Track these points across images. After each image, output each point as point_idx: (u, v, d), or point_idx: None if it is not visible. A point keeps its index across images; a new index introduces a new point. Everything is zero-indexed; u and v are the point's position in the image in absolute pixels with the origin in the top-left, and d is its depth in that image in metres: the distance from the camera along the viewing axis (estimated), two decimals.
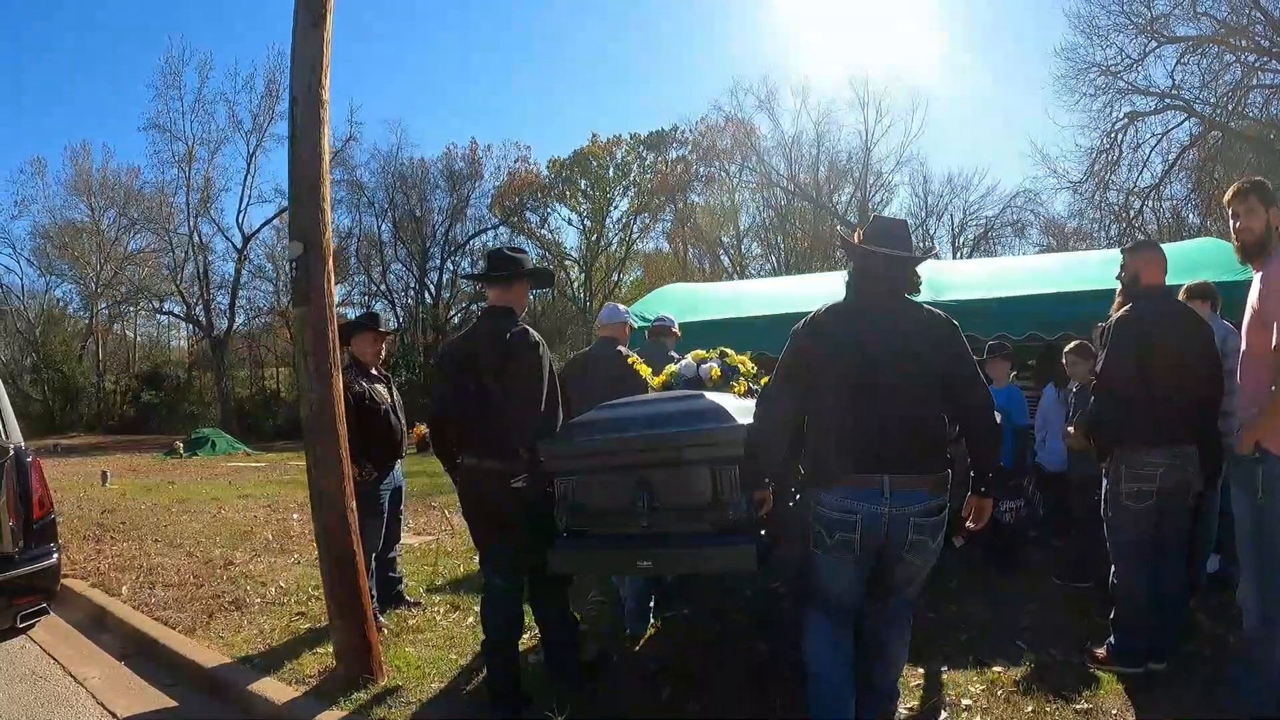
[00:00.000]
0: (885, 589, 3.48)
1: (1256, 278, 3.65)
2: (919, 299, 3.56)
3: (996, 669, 4.39)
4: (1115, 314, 4.38)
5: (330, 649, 4.73)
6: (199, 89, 40.06)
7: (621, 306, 6.00)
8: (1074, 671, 4.37)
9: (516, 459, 3.89)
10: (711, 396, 3.86)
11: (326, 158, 4.46)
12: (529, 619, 4.43)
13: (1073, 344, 6.20)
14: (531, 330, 4.10)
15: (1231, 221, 3.76)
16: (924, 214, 40.03)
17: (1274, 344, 3.40)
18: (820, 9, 54.63)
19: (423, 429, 22.83)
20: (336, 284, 4.01)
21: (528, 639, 4.70)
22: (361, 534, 5.17)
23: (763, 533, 3.63)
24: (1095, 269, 8.44)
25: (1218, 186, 23.83)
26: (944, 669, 4.44)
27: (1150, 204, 27.61)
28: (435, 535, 9.16)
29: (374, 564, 5.49)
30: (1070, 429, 5.97)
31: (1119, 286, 4.56)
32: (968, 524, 3.51)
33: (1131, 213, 27.55)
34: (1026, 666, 4.43)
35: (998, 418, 3.65)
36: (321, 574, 4.47)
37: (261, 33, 63.27)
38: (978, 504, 3.46)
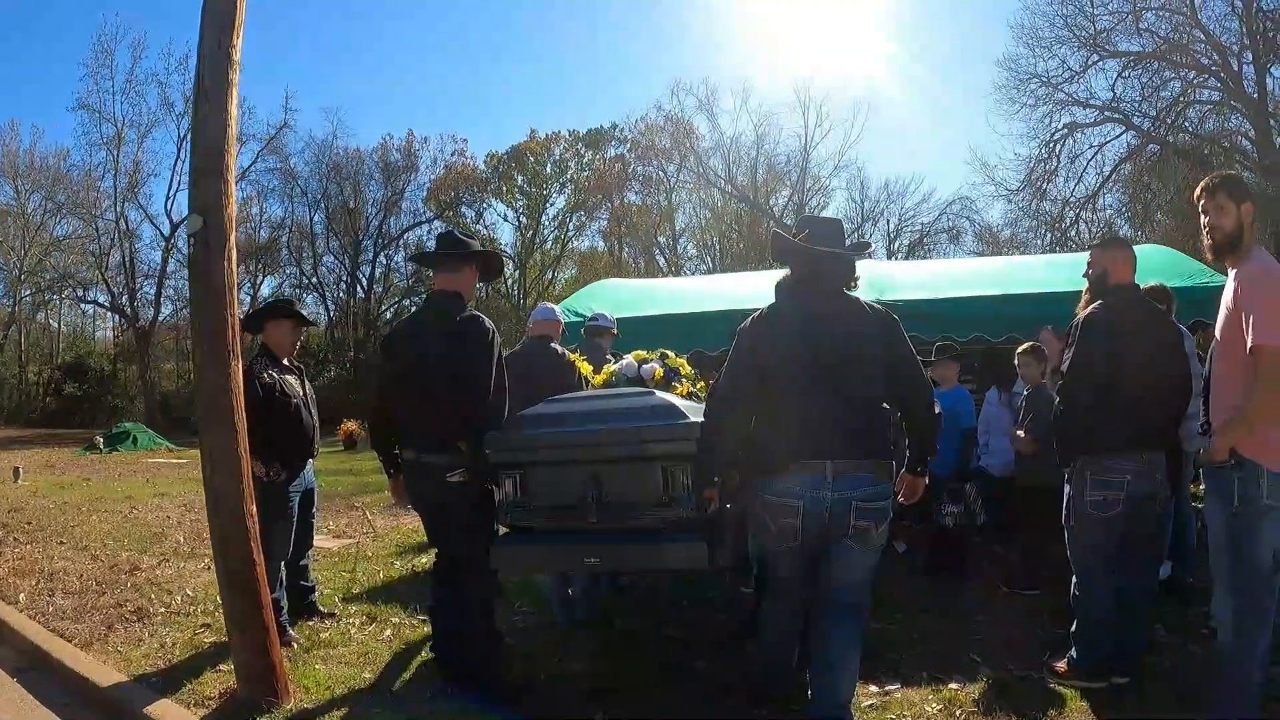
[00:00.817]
0: (828, 583, 3.44)
1: (1231, 275, 3.44)
2: (861, 297, 3.63)
3: (953, 686, 4.13)
4: (1083, 313, 4.15)
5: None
6: (131, 69, 38.52)
7: (554, 306, 5.92)
8: (1034, 687, 4.14)
9: (455, 452, 3.81)
10: (662, 394, 3.86)
11: (234, 124, 4.04)
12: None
13: (1026, 346, 5.99)
14: (483, 317, 3.97)
15: (1201, 218, 3.56)
16: (860, 219, 40.34)
17: (1249, 345, 3.19)
18: (764, 12, 54.79)
19: (350, 425, 22.30)
20: (267, 276, 3.60)
21: None
22: (269, 540, 4.80)
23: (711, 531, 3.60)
24: (1040, 272, 8.39)
25: (1153, 199, 24.35)
26: (896, 686, 4.16)
27: (1084, 214, 28.02)
28: (356, 538, 8.66)
29: (283, 573, 5.06)
30: (1020, 433, 5.79)
31: (1085, 285, 4.34)
32: (899, 497, 3.58)
33: (1066, 223, 27.94)
34: (984, 683, 4.19)
35: (937, 407, 3.71)
36: (219, 586, 4.03)
37: (198, 11, 60.84)
38: (910, 481, 3.62)
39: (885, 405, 3.53)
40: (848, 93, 63.02)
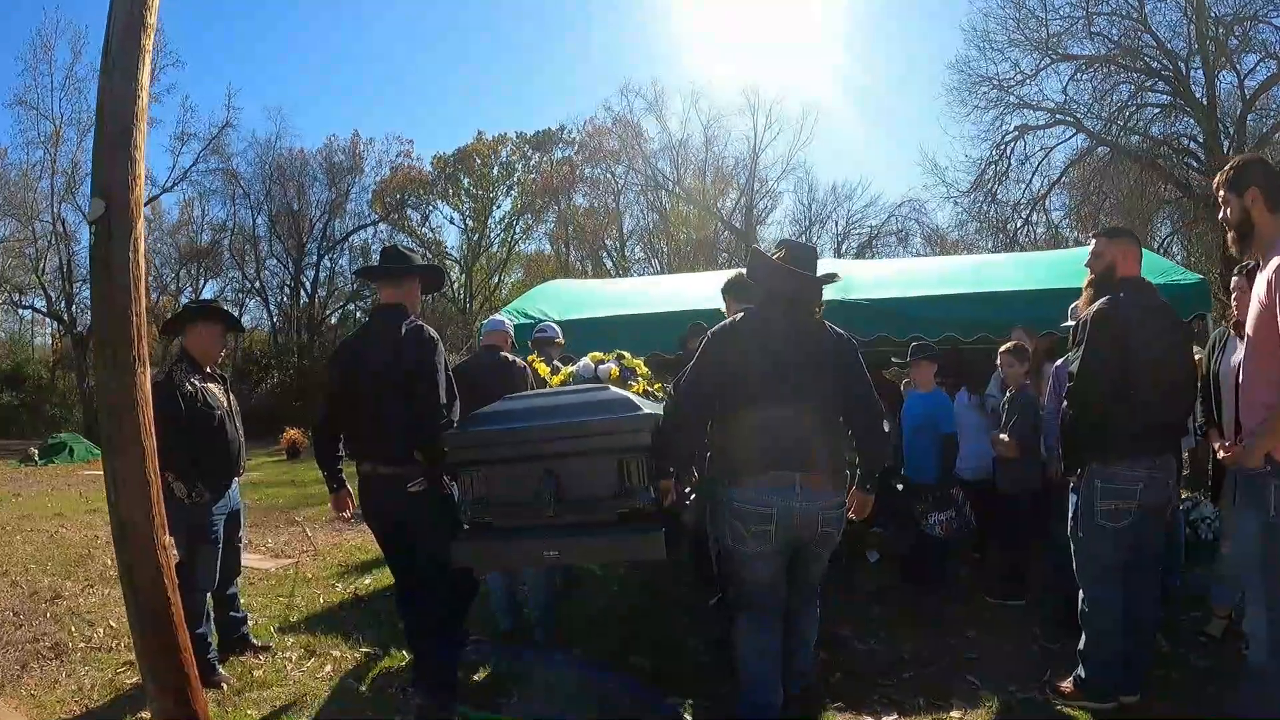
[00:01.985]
0: (793, 576, 3.66)
1: (1263, 270, 3.11)
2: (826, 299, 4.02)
3: (954, 714, 3.82)
4: (1089, 309, 3.82)
5: None
6: (71, 65, 36.82)
7: (502, 318, 5.98)
8: (1041, 711, 3.87)
9: (412, 463, 3.84)
10: (616, 389, 3.90)
11: (145, 95, 3.54)
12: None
13: (1008, 345, 5.69)
14: (427, 326, 4.01)
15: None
16: (808, 221, 40.17)
17: None
18: (714, 14, 54.25)
19: (292, 433, 21.57)
20: (209, 280, 3.14)
21: None
22: (191, 570, 4.41)
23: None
24: (1009, 270, 8.12)
25: (1104, 199, 24.51)
26: (893, 717, 3.81)
27: (1034, 216, 28.15)
28: (295, 558, 8.04)
29: (210, 605, 4.59)
30: (1003, 437, 5.48)
31: (1087, 277, 4.02)
32: (849, 514, 3.69)
33: (1017, 224, 28.04)
34: (988, 709, 3.89)
35: (886, 426, 3.87)
36: (130, 630, 3.52)
37: None
38: (860, 498, 3.71)
39: (841, 422, 3.68)
40: (797, 96, 62.97)
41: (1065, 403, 3.82)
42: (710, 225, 39.21)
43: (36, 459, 22.06)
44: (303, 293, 40.43)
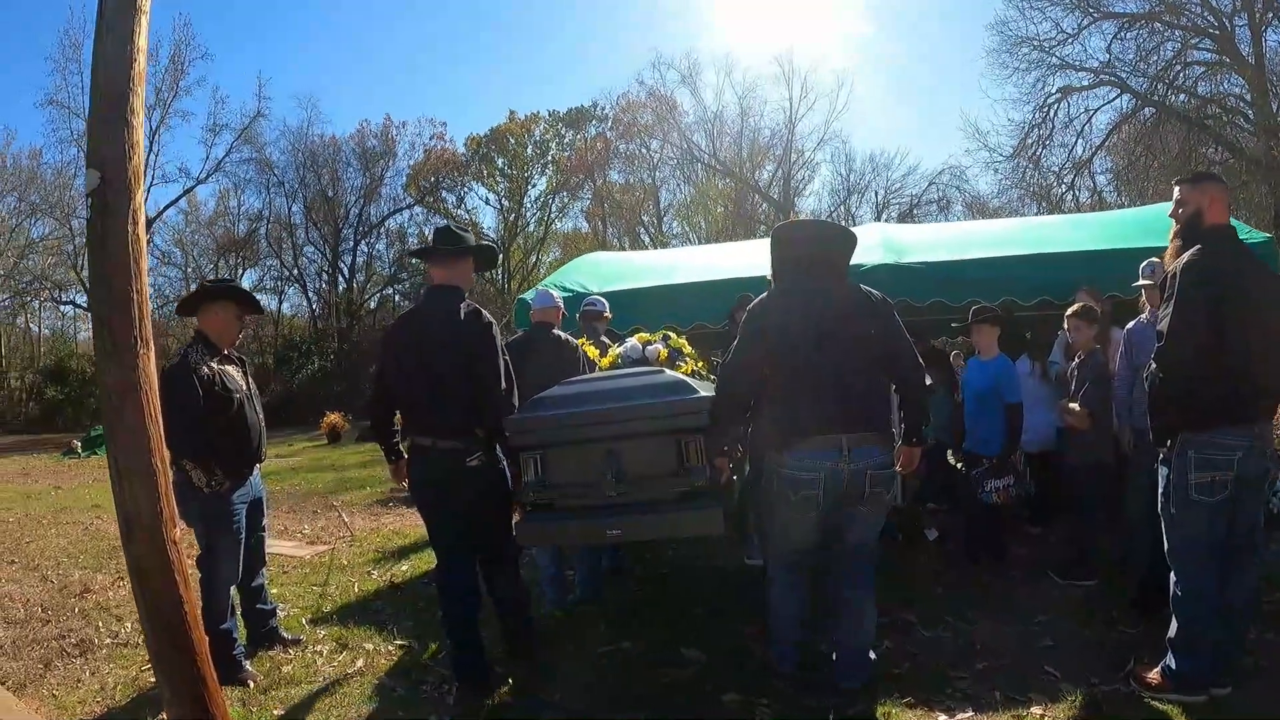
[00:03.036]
0: (846, 541, 3.72)
1: None
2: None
3: (1035, 710, 3.49)
4: (1176, 261, 3.45)
5: None
6: None
7: (553, 293, 5.90)
8: (1128, 704, 3.54)
9: (470, 437, 3.91)
10: (672, 372, 4.05)
11: (142, 59, 3.28)
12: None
13: (1076, 307, 5.29)
14: (482, 309, 4.06)
15: None
16: (846, 191, 39.60)
17: None
18: None
19: (333, 417, 21.56)
20: (247, 269, 2.88)
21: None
22: (213, 562, 4.26)
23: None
24: (1065, 231, 7.70)
25: (1154, 160, 23.70)
26: (969, 714, 3.49)
27: (1077, 181, 27.36)
28: (331, 544, 7.85)
29: (234, 598, 4.37)
30: (1074, 406, 5.11)
31: (1173, 228, 3.64)
32: (898, 468, 3.76)
33: (1061, 188, 27.31)
34: (1070, 703, 3.55)
35: (928, 379, 3.93)
36: (144, 632, 3.30)
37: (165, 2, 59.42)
38: (907, 452, 3.83)
39: (885, 383, 3.79)
40: (831, 64, 61.90)
41: (1154, 365, 3.44)
42: (748, 198, 38.63)
43: (79, 451, 22.22)
44: (340, 278, 40.57)
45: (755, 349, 3.66)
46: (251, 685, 4.17)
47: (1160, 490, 3.54)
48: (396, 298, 40.86)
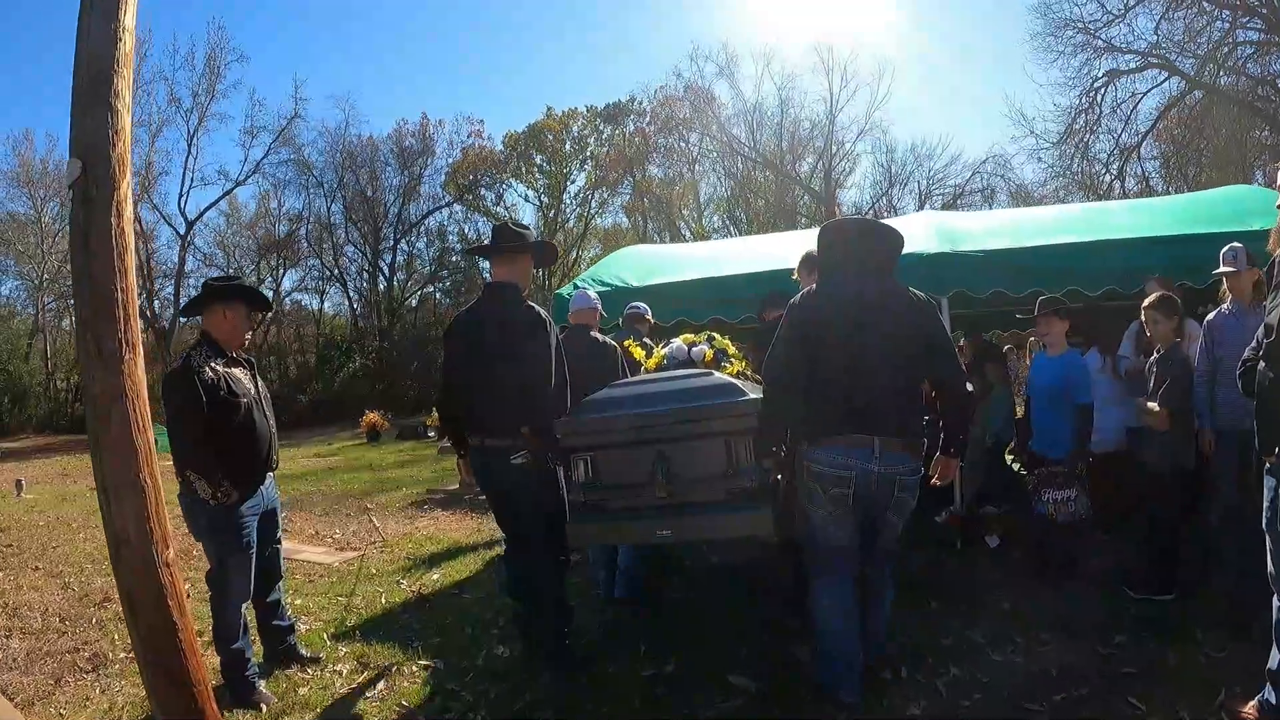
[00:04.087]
0: (873, 546, 3.70)
1: None
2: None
3: None
4: None
5: None
6: (138, 67, 37.49)
7: (592, 294, 5.87)
8: None
9: (517, 436, 3.92)
10: (720, 374, 4.02)
11: (128, 39, 3.02)
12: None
13: (1155, 297, 4.86)
14: (538, 307, 4.06)
15: None
16: (888, 183, 38.89)
17: None
18: None
19: (372, 416, 21.49)
20: (288, 269, 2.60)
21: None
22: (225, 579, 3.99)
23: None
24: (1127, 217, 7.22)
25: (1204, 145, 22.92)
26: None
27: (1128, 167, 26.56)
28: (361, 550, 7.60)
29: (247, 616, 4.10)
30: (1153, 405, 4.70)
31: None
32: (933, 480, 3.73)
33: (1110, 176, 26.56)
34: None
35: (969, 387, 3.78)
36: (138, 662, 3.03)
37: (201, 5, 59.89)
38: (944, 463, 3.73)
39: (920, 389, 3.77)
40: (872, 52, 60.95)
41: (1262, 362, 3.04)
42: (789, 191, 38.11)
43: None
44: (381, 277, 40.62)
45: (798, 346, 3.60)
46: (264, 709, 3.91)
47: (1267, 504, 3.14)
48: (437, 295, 40.92)
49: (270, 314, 38.62)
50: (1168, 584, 4.74)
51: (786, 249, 6.99)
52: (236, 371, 4.11)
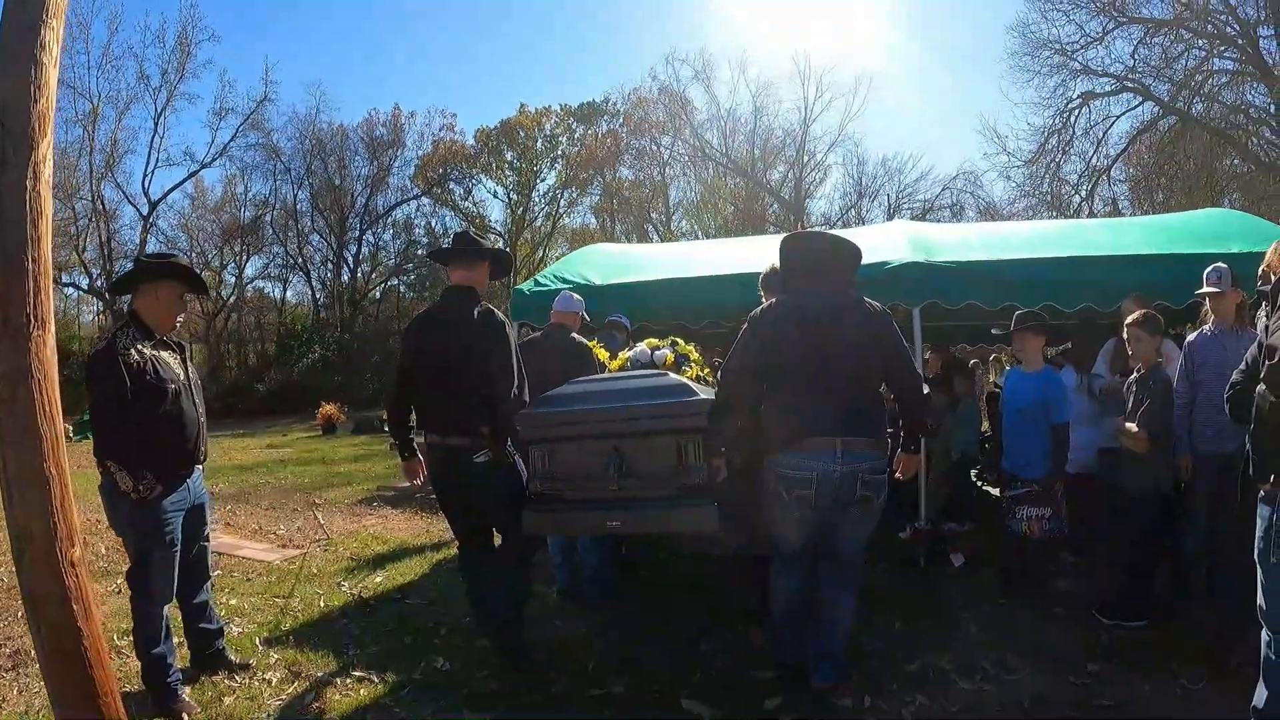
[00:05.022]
0: (834, 541, 3.81)
1: None
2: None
3: None
4: None
5: None
6: (108, 43, 36.81)
7: (577, 297, 5.84)
8: None
9: (478, 435, 3.97)
10: (675, 375, 4.19)
11: None
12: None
13: (1138, 315, 4.71)
14: (497, 310, 4.16)
15: None
16: (857, 195, 39.14)
17: None
18: None
19: (328, 409, 21.08)
20: (252, 256, 2.35)
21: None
22: (146, 578, 3.72)
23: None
24: (1100, 234, 7.14)
25: (1177, 170, 23.18)
26: None
27: (1095, 190, 26.86)
28: (304, 548, 7.27)
29: (168, 619, 3.82)
30: (1132, 427, 4.56)
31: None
32: (896, 475, 3.90)
33: (1079, 198, 26.81)
34: None
35: (925, 389, 4.02)
36: (40, 671, 2.75)
37: None
38: (905, 459, 3.94)
39: (880, 392, 3.92)
40: (850, 64, 61.33)
41: (1262, 385, 2.87)
42: (758, 198, 38.11)
43: (72, 435, 21.70)
44: (345, 268, 40.15)
45: (754, 354, 3.76)
46: (186, 719, 3.63)
47: (1260, 535, 2.97)
48: (401, 289, 40.46)
49: (229, 300, 38.13)
50: (1140, 611, 4.60)
51: (752, 253, 6.92)
52: (165, 355, 3.81)
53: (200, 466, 4.02)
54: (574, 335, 5.38)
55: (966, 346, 12.10)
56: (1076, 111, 26.11)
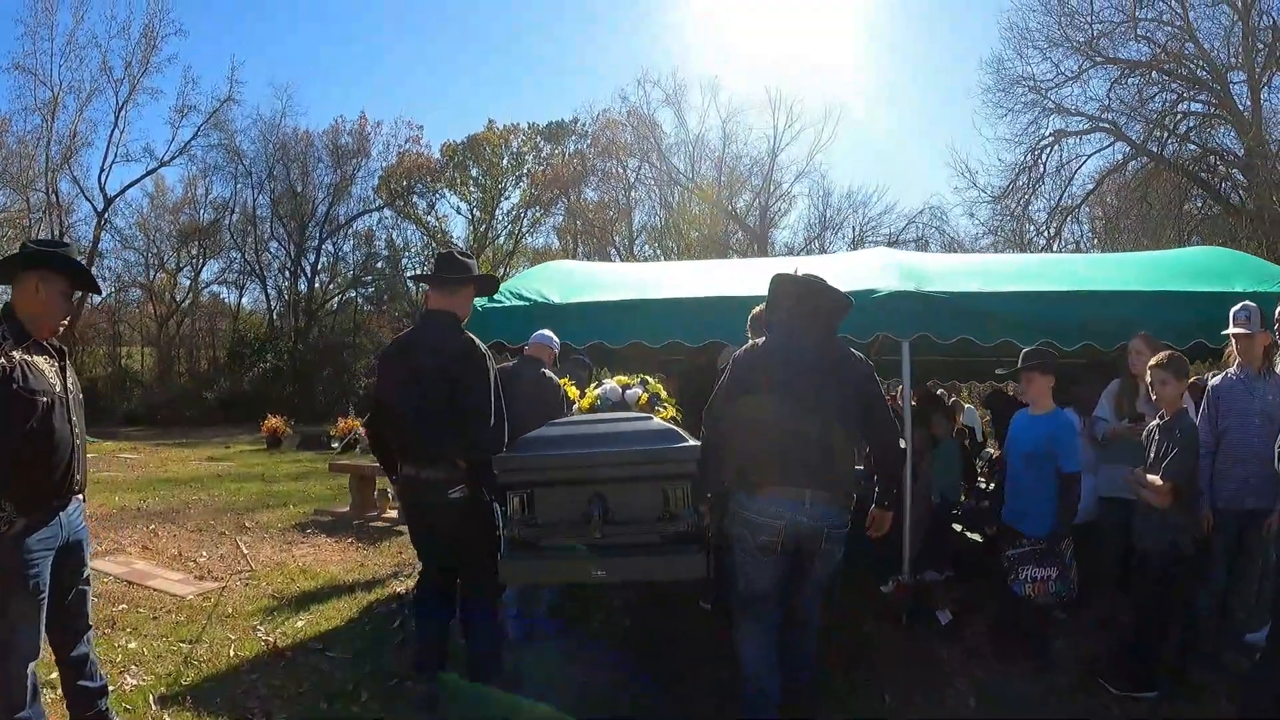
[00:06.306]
0: (798, 591, 3.74)
1: None
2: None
3: None
4: None
5: None
6: (72, 30, 35.61)
7: (549, 333, 5.70)
8: None
9: (454, 469, 3.88)
10: (659, 420, 4.10)
11: None
12: None
13: (1161, 357, 4.26)
14: (478, 340, 4.05)
15: None
16: (821, 226, 39.04)
17: None
18: (738, 5, 52.86)
19: (274, 421, 20.26)
20: (209, 259, 1.82)
21: None
22: (6, 631, 3.11)
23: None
24: (1084, 270, 6.69)
25: (1149, 210, 23.36)
26: None
27: (1063, 229, 27.07)
28: (224, 580, 6.57)
29: (33, 678, 3.18)
30: (1154, 478, 4.11)
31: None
32: (867, 532, 3.85)
33: (1043, 240, 26.98)
34: None
35: (901, 443, 4.12)
36: None
37: None
38: (878, 515, 3.86)
39: (853, 445, 3.81)
40: (820, 94, 61.82)
41: None
42: (723, 225, 38.02)
43: None
44: (303, 277, 39.43)
45: (738, 393, 3.72)
46: None
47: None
48: (359, 301, 39.78)
49: (182, 303, 37.00)
50: (1150, 679, 4.18)
51: (715, 277, 6.63)
52: (40, 361, 3.16)
53: (80, 497, 3.38)
54: (545, 371, 5.25)
55: (938, 382, 11.70)
56: (1048, 150, 26.29)
